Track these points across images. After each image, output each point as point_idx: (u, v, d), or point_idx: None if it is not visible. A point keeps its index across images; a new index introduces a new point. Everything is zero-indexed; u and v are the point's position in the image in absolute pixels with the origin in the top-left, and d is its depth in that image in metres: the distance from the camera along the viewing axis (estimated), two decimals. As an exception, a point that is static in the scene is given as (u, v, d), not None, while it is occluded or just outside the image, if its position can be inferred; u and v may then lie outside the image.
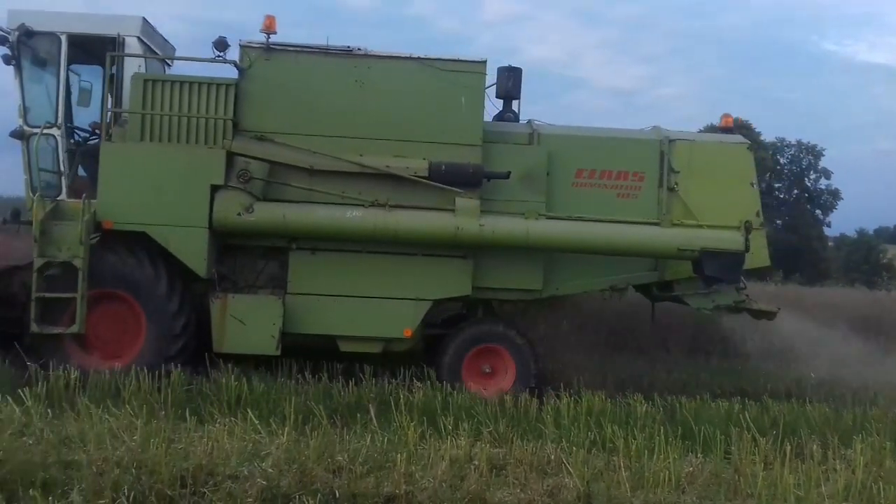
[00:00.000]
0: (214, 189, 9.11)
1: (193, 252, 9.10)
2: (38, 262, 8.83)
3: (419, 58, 9.47)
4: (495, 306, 10.50)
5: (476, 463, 6.09)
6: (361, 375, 8.83)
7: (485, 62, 9.55)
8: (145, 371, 8.12)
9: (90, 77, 10.55)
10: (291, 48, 9.45)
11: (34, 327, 8.83)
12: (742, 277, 10.03)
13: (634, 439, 6.86)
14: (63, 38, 9.69)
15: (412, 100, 9.47)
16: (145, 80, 9.32)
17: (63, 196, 9.53)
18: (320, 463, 5.83)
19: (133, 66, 9.67)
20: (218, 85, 9.37)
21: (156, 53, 10.32)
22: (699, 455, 6.82)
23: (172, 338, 9.15)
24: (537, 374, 9.60)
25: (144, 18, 9.88)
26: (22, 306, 9.13)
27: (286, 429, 6.48)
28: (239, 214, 9.01)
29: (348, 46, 9.50)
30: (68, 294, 8.82)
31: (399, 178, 9.25)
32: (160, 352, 9.04)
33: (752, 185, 10.00)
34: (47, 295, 8.86)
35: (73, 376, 7.91)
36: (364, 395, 8.17)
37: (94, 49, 9.93)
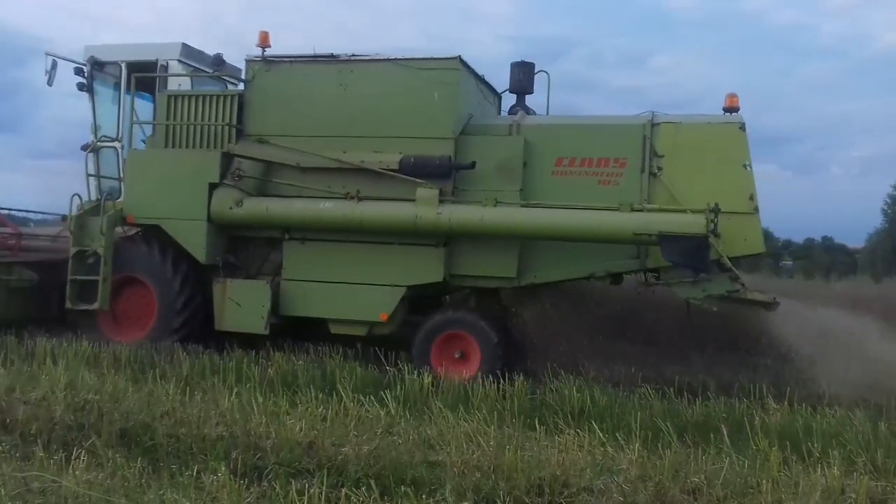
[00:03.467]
0: (212, 187, 10.37)
1: (195, 241, 10.48)
2: (73, 250, 10.68)
3: (396, 59, 10.11)
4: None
5: (853, 496, 5.43)
6: (709, 393, 8.45)
7: (457, 58, 9.88)
8: (490, 378, 8.46)
9: None
10: (287, 59, 10.48)
11: (68, 304, 10.63)
12: (728, 265, 8.94)
13: None
14: (123, 65, 11.62)
15: (390, 98, 10.05)
16: (168, 96, 10.91)
17: (122, 198, 11.07)
18: (676, 483, 5.54)
19: (174, 85, 11.39)
20: (224, 96, 10.81)
21: (204, 72, 11.81)
22: None
23: (176, 312, 10.49)
24: (504, 360, 9.58)
25: (184, 43, 11.50)
26: None
27: (635, 445, 6.28)
28: (231, 208, 10.21)
29: (332, 53, 10.33)
30: (95, 277, 10.51)
31: (377, 172, 9.84)
32: (168, 325, 10.48)
33: (745, 167, 9.33)
34: (79, 277, 10.63)
35: (426, 381, 8.43)
36: (714, 414, 7.70)
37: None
